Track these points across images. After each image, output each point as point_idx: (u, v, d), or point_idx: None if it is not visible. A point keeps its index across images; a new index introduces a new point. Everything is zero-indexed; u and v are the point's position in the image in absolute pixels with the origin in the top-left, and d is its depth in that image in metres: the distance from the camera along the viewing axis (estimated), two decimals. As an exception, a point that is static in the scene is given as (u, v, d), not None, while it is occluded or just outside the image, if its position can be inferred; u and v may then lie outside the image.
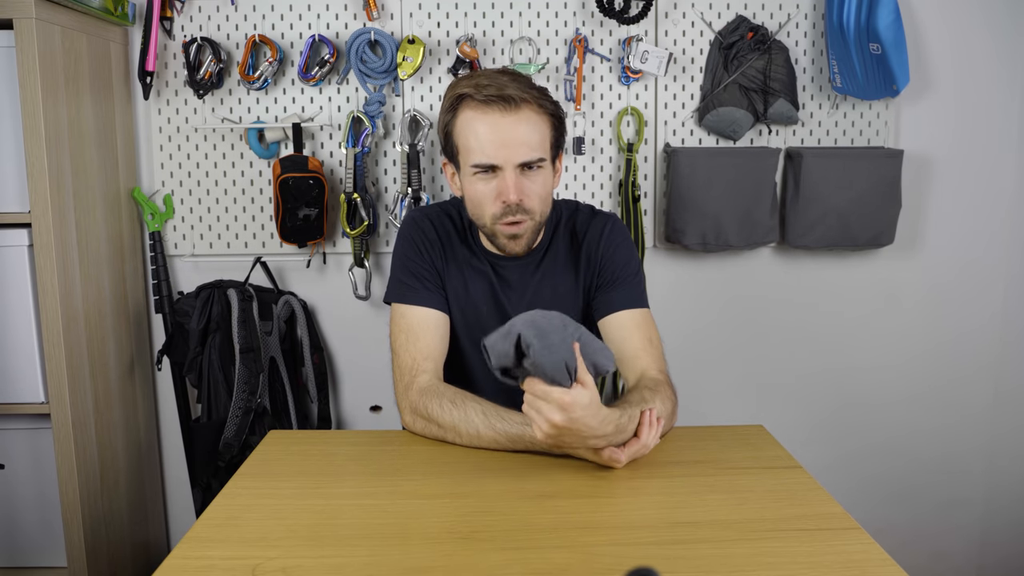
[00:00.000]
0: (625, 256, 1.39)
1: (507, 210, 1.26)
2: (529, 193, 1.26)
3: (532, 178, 1.26)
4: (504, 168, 1.24)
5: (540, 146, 1.25)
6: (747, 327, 2.13)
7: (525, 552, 0.93)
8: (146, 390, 2.06)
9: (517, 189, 1.24)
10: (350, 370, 2.13)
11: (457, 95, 1.26)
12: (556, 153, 1.32)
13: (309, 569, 0.90)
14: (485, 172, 1.25)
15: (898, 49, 1.81)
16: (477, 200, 1.28)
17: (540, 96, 1.26)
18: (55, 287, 1.64)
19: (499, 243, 1.33)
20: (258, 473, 1.17)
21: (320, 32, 1.94)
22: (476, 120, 1.23)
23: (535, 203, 1.28)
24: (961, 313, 2.15)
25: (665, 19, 1.98)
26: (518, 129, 1.22)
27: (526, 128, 1.23)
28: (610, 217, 1.43)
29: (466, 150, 1.26)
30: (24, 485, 1.78)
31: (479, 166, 1.24)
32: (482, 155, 1.23)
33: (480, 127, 1.23)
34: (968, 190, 2.10)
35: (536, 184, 1.27)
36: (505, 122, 1.22)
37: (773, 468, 1.17)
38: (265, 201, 2.02)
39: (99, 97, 1.83)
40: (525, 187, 1.25)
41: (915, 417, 2.19)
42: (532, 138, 1.24)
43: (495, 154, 1.23)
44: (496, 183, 1.25)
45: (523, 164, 1.24)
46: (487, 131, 1.22)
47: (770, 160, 1.97)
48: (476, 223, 1.34)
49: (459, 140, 1.27)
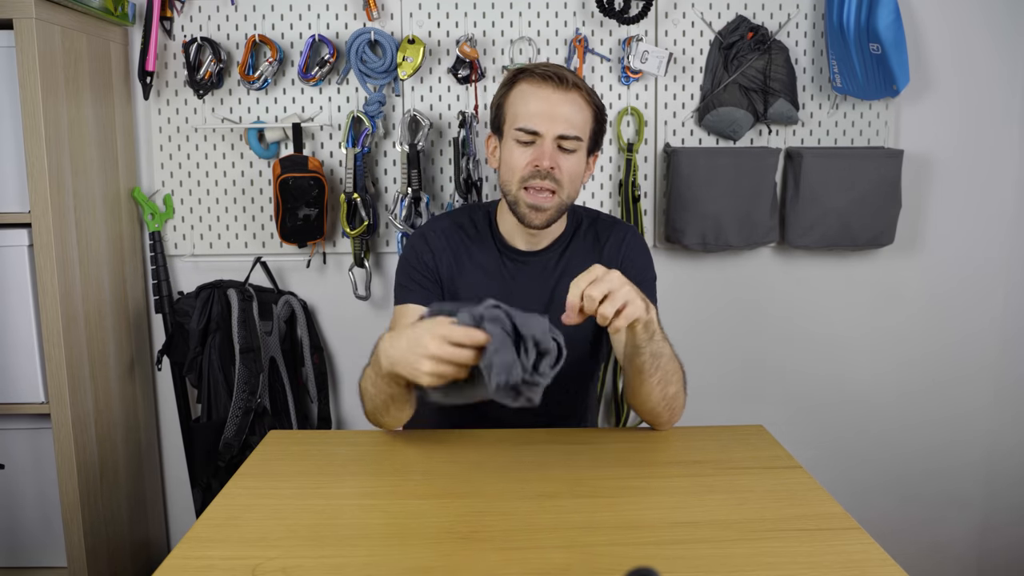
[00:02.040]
0: (644, 263, 1.46)
1: (536, 173, 1.32)
2: (561, 167, 1.32)
3: (566, 155, 1.33)
4: (544, 137, 1.31)
5: (581, 127, 1.33)
6: (747, 327, 2.13)
7: (525, 552, 0.93)
8: (146, 390, 2.06)
9: (551, 158, 1.31)
10: (350, 370, 2.12)
11: (516, 71, 1.36)
12: (592, 147, 1.39)
13: (309, 569, 0.90)
14: (526, 139, 1.32)
15: (898, 49, 1.80)
16: (512, 164, 1.34)
17: (590, 90, 1.36)
18: (55, 287, 1.64)
19: (520, 212, 1.36)
20: (258, 473, 1.17)
21: (320, 32, 1.94)
22: (529, 92, 1.33)
23: (564, 177, 1.33)
24: (961, 313, 2.15)
25: (665, 19, 1.98)
26: (565, 106, 1.31)
27: (572, 107, 1.32)
28: (631, 228, 1.52)
29: (513, 116, 1.34)
30: (24, 485, 1.78)
31: (523, 129, 1.32)
32: (528, 120, 1.31)
33: (531, 98, 1.32)
34: (968, 190, 2.09)
35: (569, 162, 1.34)
36: (555, 97, 1.31)
37: (773, 468, 1.17)
38: (265, 201, 2.02)
39: (99, 97, 1.84)
40: (559, 159, 1.32)
41: (915, 417, 2.19)
42: (576, 117, 1.32)
43: (540, 122, 1.31)
44: (533, 150, 1.32)
45: (561, 137, 1.31)
46: (537, 102, 1.31)
47: (770, 160, 1.97)
48: (503, 190, 1.38)
49: (509, 109, 1.35)
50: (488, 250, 1.44)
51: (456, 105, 1.99)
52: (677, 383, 1.26)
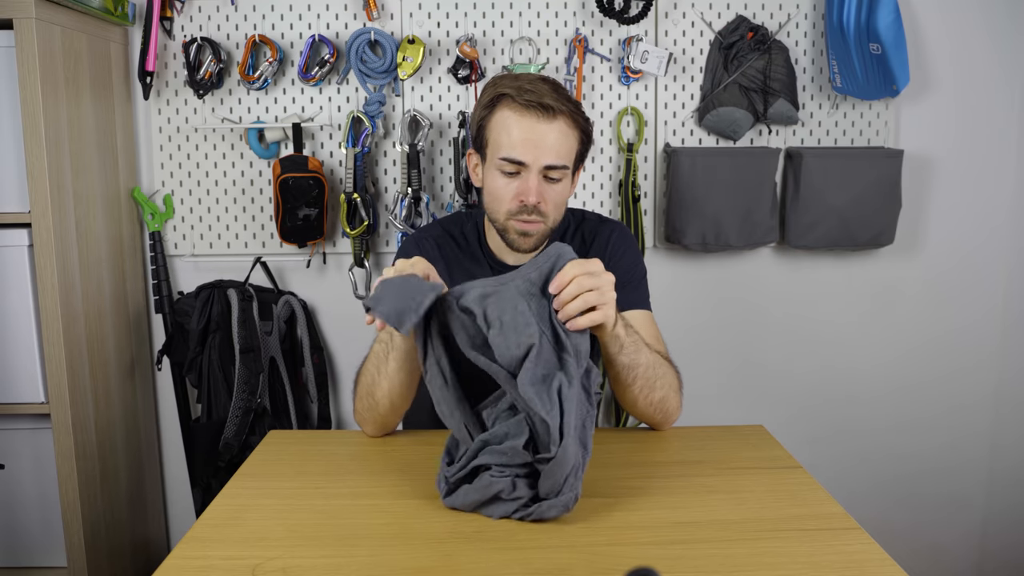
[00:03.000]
0: (631, 261, 1.43)
1: (523, 209, 1.29)
2: (547, 198, 1.30)
3: (552, 185, 1.31)
4: (530, 168, 1.28)
5: (567, 155, 1.30)
6: (747, 327, 2.13)
7: (525, 552, 0.93)
8: (146, 390, 2.06)
9: (538, 192, 1.28)
10: (350, 370, 2.12)
11: (498, 94, 1.30)
12: (577, 166, 1.36)
13: (309, 569, 0.90)
14: (510, 169, 1.29)
15: (898, 49, 1.81)
16: (497, 194, 1.32)
17: (575, 110, 1.31)
18: (55, 287, 1.64)
19: (509, 238, 1.35)
20: (258, 473, 1.17)
21: (320, 32, 1.94)
22: (512, 120, 1.28)
23: (550, 209, 1.31)
24: (961, 313, 2.15)
25: (665, 19, 1.98)
26: (550, 136, 1.27)
27: (557, 136, 1.28)
28: (617, 224, 1.48)
29: (496, 144, 1.30)
30: (24, 485, 1.78)
31: (507, 159, 1.28)
32: (512, 151, 1.28)
33: (515, 127, 1.28)
34: (968, 190, 2.09)
35: (555, 191, 1.31)
36: (540, 127, 1.27)
37: (773, 468, 1.17)
38: (265, 201, 2.02)
39: (99, 97, 1.83)
40: (545, 192, 1.30)
41: (915, 417, 2.19)
42: (561, 147, 1.29)
43: (524, 153, 1.27)
44: (518, 184, 1.29)
45: (548, 167, 1.28)
46: (521, 132, 1.27)
47: (770, 160, 1.97)
48: (489, 216, 1.37)
49: (491, 135, 1.31)
50: (478, 264, 1.43)
51: (456, 105, 1.99)
52: (664, 388, 1.24)
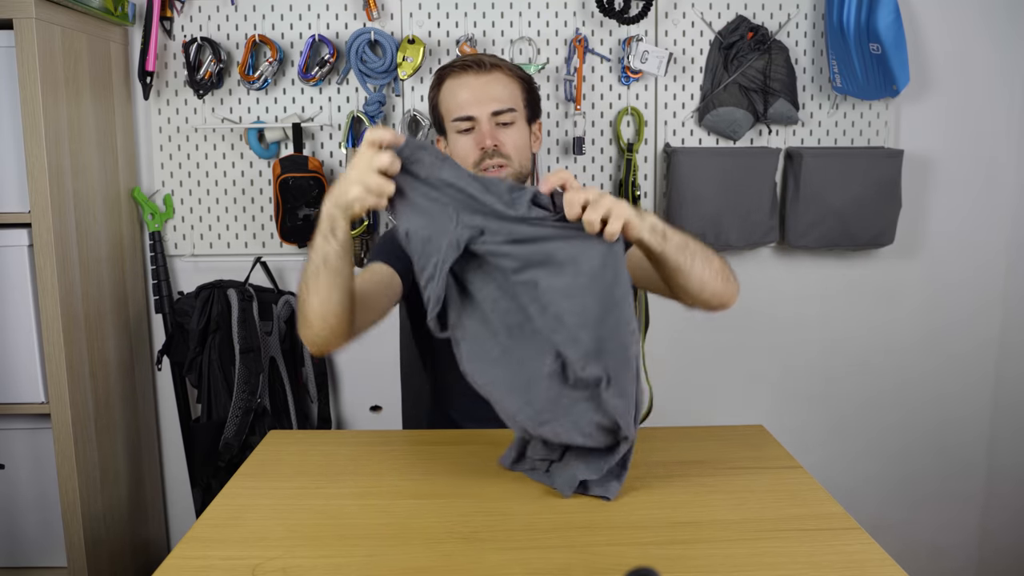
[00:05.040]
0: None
1: (484, 155, 1.37)
2: (503, 140, 1.38)
3: (506, 129, 1.39)
4: (479, 119, 1.37)
5: (511, 99, 1.39)
6: (747, 327, 2.13)
7: (525, 552, 0.93)
8: (146, 390, 2.06)
9: (491, 135, 1.37)
10: (350, 370, 2.12)
11: (439, 72, 1.43)
12: (532, 115, 1.45)
13: (309, 569, 0.90)
14: (464, 127, 1.38)
15: (898, 49, 1.80)
16: (461, 155, 1.39)
17: (512, 66, 1.43)
18: (55, 287, 1.64)
19: None
20: (258, 473, 1.17)
21: (320, 32, 1.94)
22: (455, 85, 1.40)
23: (511, 150, 1.38)
24: (961, 313, 2.15)
25: (665, 19, 1.98)
26: (490, 86, 1.38)
27: (497, 86, 1.39)
28: None
29: (447, 112, 1.41)
30: (24, 485, 1.78)
31: (459, 119, 1.38)
32: (459, 109, 1.38)
33: (458, 89, 1.39)
34: (968, 190, 2.09)
35: (510, 135, 1.39)
36: (478, 82, 1.38)
37: (773, 468, 1.17)
38: (265, 201, 2.02)
39: (99, 97, 1.83)
40: (499, 135, 1.38)
41: (914, 417, 2.19)
42: (503, 93, 1.39)
43: (470, 107, 1.37)
44: (473, 136, 1.38)
45: (495, 113, 1.37)
46: (463, 91, 1.38)
47: (770, 160, 1.97)
48: None
49: (442, 106, 1.42)
50: None
51: (456, 105, 1.99)
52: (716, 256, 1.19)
